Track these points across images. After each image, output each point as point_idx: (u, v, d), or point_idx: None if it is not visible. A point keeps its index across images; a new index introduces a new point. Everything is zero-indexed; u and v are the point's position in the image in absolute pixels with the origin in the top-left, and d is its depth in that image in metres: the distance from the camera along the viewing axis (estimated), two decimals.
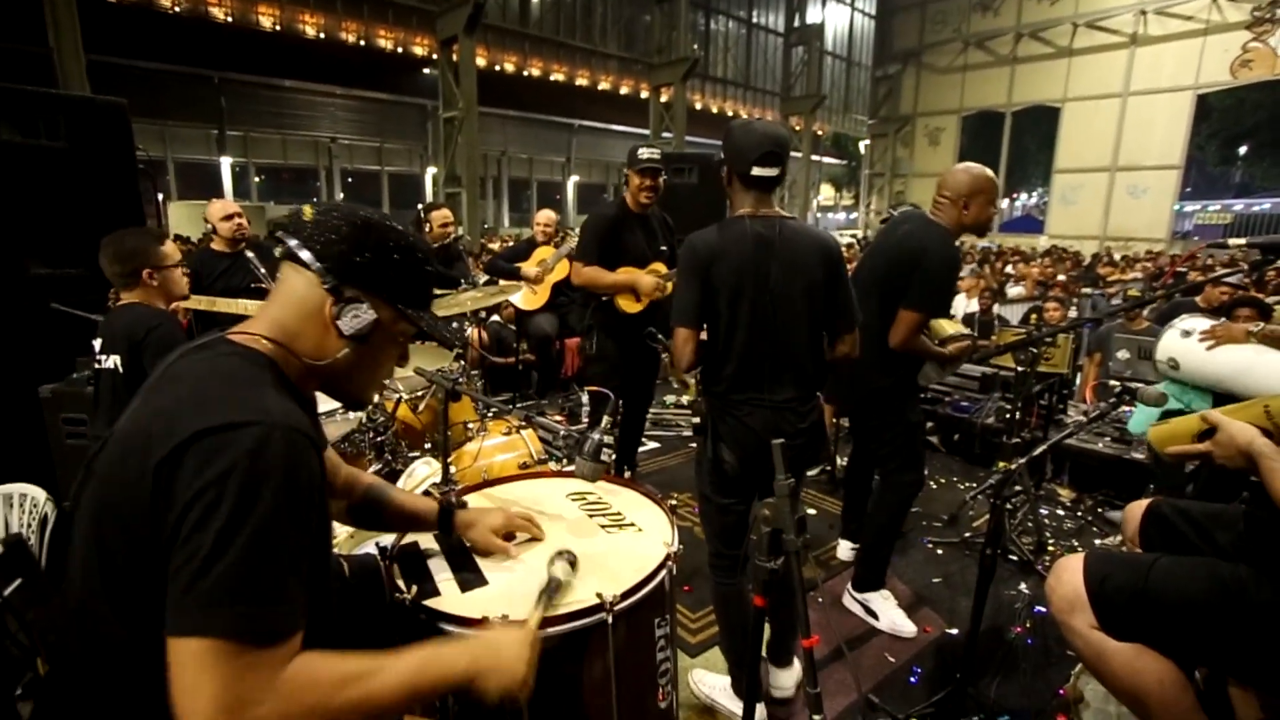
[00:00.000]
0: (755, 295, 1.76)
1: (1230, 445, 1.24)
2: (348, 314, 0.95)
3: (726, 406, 1.81)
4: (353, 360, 0.99)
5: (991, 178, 2.27)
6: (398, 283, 1.00)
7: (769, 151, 1.74)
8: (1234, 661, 1.26)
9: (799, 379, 1.82)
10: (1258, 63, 16.33)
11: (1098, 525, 3.32)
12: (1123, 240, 17.63)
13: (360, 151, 20.73)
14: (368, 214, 0.99)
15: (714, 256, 1.76)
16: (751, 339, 1.77)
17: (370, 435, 2.24)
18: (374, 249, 0.97)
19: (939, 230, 2.23)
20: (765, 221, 1.78)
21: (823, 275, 1.79)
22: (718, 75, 20.53)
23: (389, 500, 1.29)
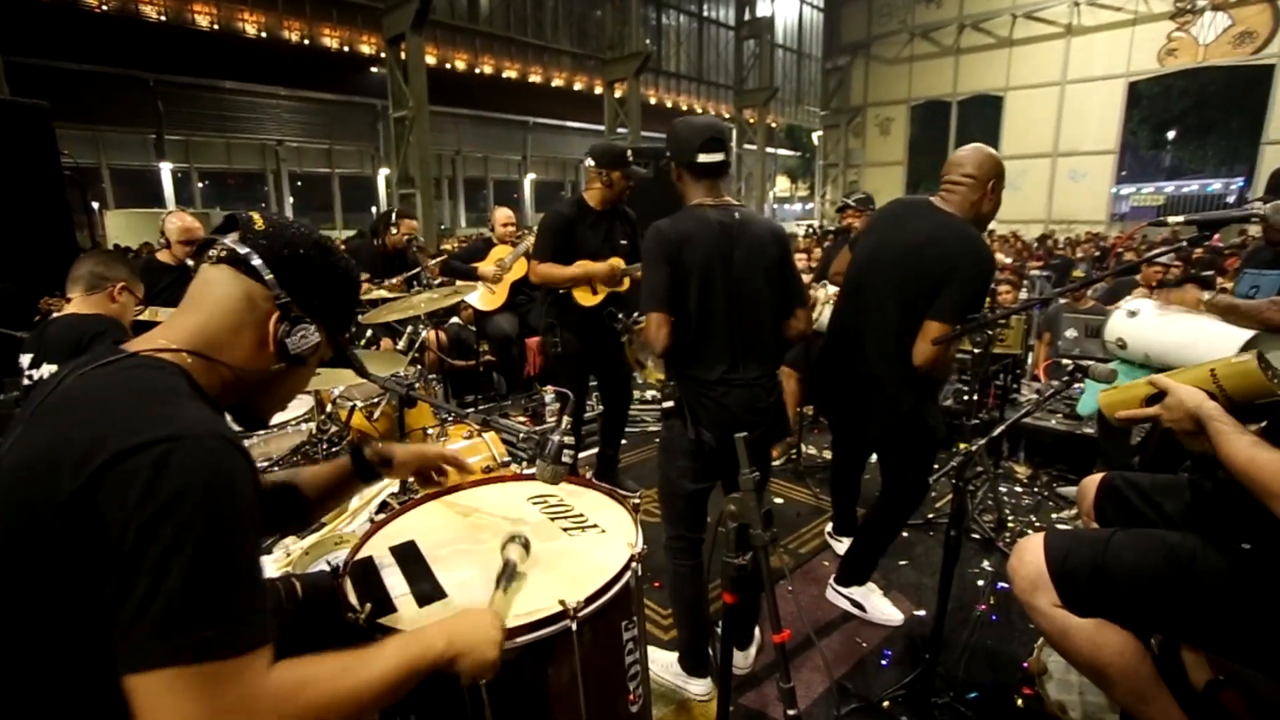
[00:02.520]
0: (724, 278, 1.82)
1: (1179, 408, 1.27)
2: (297, 333, 0.93)
3: (703, 388, 1.84)
4: (281, 378, 0.97)
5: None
6: (337, 308, 1.00)
7: (711, 138, 1.81)
8: (1188, 628, 1.30)
9: (764, 357, 1.91)
10: (1182, 51, 17.11)
11: (1053, 500, 3.42)
12: (1066, 223, 18.25)
13: (309, 154, 20.14)
14: (319, 235, 0.99)
15: (683, 241, 1.80)
16: (723, 320, 1.83)
17: (324, 447, 2.15)
18: (325, 271, 0.97)
19: (969, 228, 2.01)
20: (722, 209, 1.85)
21: (777, 255, 1.88)
22: (671, 70, 20.55)
23: (300, 478, 1.26)
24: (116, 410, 0.77)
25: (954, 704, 1.93)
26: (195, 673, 0.69)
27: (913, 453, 2.21)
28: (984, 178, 2.01)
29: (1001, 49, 20.05)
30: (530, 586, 1.12)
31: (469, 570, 1.21)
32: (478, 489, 1.57)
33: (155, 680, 0.68)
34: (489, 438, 2.77)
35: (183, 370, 0.87)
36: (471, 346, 4.93)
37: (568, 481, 1.48)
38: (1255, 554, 1.21)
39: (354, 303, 1.04)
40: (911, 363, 2.02)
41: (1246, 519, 1.21)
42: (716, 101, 22.10)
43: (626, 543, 1.26)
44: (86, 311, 2.13)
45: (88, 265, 2.20)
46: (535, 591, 1.11)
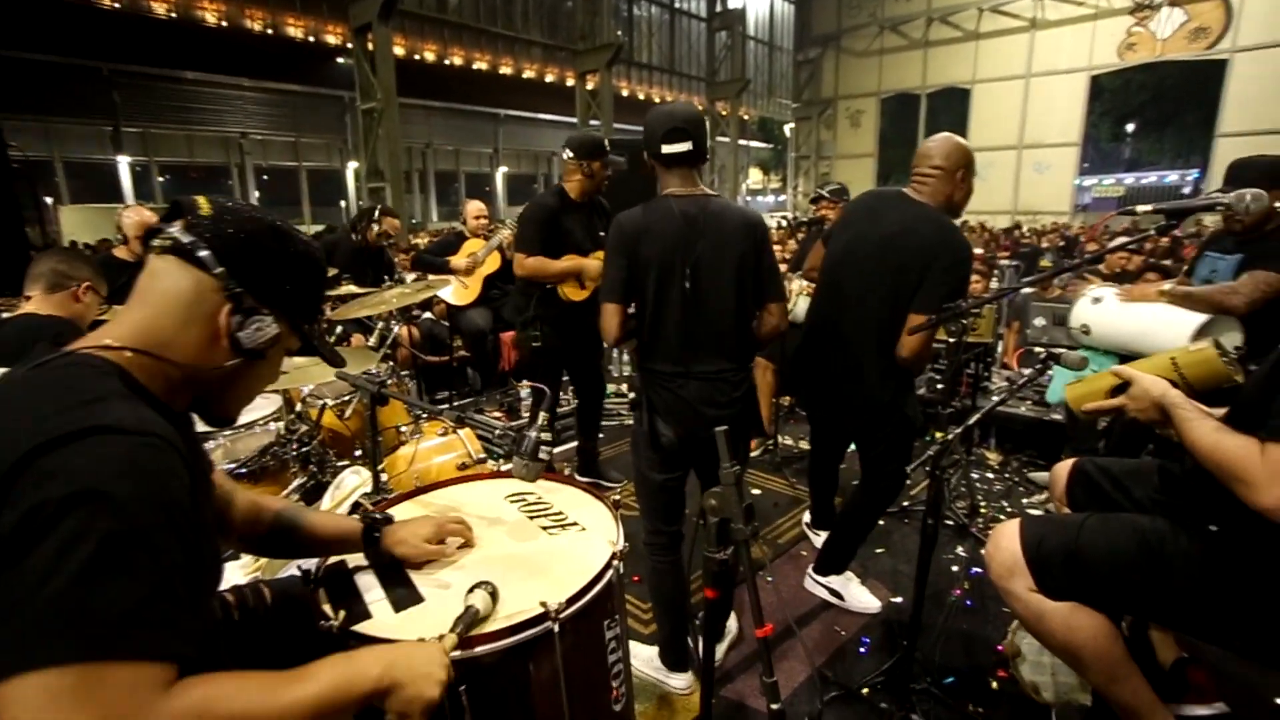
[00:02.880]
0: (683, 271, 1.79)
1: (1144, 398, 1.30)
2: (250, 325, 0.87)
3: (660, 380, 1.86)
4: (240, 374, 0.91)
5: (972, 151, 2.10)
6: (298, 296, 0.94)
7: (674, 128, 1.77)
8: (1159, 609, 1.33)
9: (729, 351, 1.87)
10: (1140, 46, 17.52)
11: (1024, 485, 3.49)
12: (1031, 214, 18.60)
13: (275, 147, 19.62)
14: (274, 218, 0.92)
15: (640, 234, 1.80)
16: (682, 314, 1.82)
17: (294, 447, 2.10)
18: (282, 258, 0.91)
19: (944, 218, 2.02)
20: (691, 200, 1.81)
21: (750, 250, 1.83)
22: (643, 61, 20.44)
23: (304, 524, 1.18)
24: (38, 410, 0.72)
25: (931, 689, 1.96)
26: (79, 675, 0.62)
27: (892, 443, 2.23)
28: (953, 168, 2.03)
29: (968, 42, 20.32)
30: (510, 587, 1.09)
31: (447, 573, 1.19)
32: (454, 487, 1.54)
33: (33, 684, 0.60)
34: (464, 434, 2.73)
35: (119, 369, 0.81)
36: (445, 342, 4.87)
37: (545, 478, 1.47)
38: (1222, 536, 1.24)
39: (318, 289, 0.98)
40: (890, 354, 2.03)
41: (1213, 502, 1.24)
42: (689, 93, 22.04)
43: (607, 540, 1.25)
44: (45, 312, 2.05)
45: (49, 263, 2.12)
46: (515, 593, 1.09)
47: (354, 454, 2.39)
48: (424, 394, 4.66)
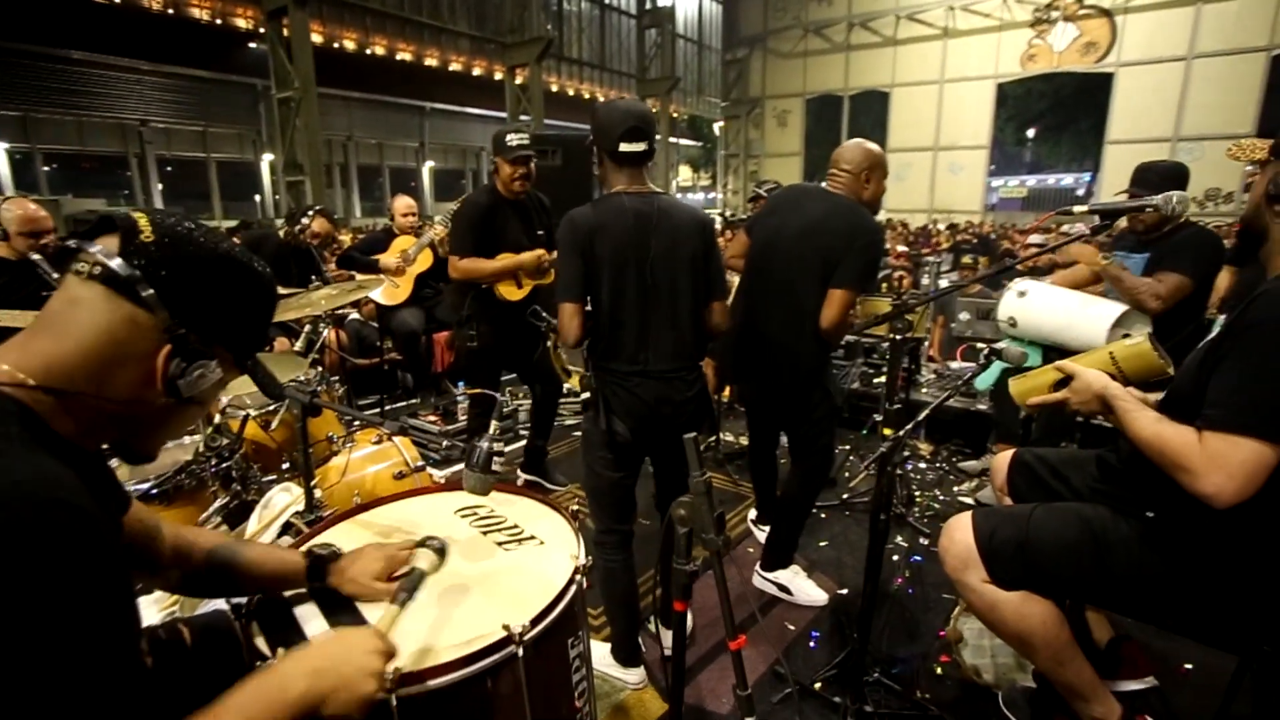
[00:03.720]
0: (638, 269, 1.81)
1: (1086, 391, 1.35)
2: (193, 372, 0.76)
3: (616, 379, 1.86)
4: (171, 415, 0.81)
5: (883, 153, 2.30)
6: (249, 333, 0.84)
7: (633, 127, 1.78)
8: (1103, 595, 1.39)
9: (684, 349, 1.89)
10: (1040, 57, 18.80)
11: (954, 474, 3.64)
12: (946, 212, 19.62)
13: (181, 136, 18.25)
14: (228, 245, 0.81)
15: (593, 231, 1.79)
16: (639, 312, 1.83)
17: (213, 463, 1.92)
18: (235, 294, 0.80)
19: (858, 207, 2.21)
20: (641, 197, 1.83)
21: (700, 248, 1.87)
22: (573, 56, 20.23)
23: (241, 561, 1.06)
24: None
25: (882, 679, 1.99)
26: None
27: (818, 419, 2.35)
28: (858, 170, 2.23)
29: (887, 47, 21.16)
30: (469, 609, 1.02)
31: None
32: (398, 503, 1.44)
33: None
34: (399, 441, 2.60)
35: (19, 407, 0.69)
36: (374, 344, 4.64)
37: (497, 489, 1.39)
38: (1158, 521, 1.30)
39: (268, 317, 0.87)
40: (814, 331, 2.19)
41: (1149, 490, 1.30)
42: (620, 90, 21.97)
43: (569, 555, 1.19)
44: None
45: None
46: (475, 615, 1.01)
47: (281, 468, 2.22)
48: (352, 399, 4.43)
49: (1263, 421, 1.09)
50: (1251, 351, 1.12)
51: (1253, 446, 1.09)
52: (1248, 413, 1.10)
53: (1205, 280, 2.56)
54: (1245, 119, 15.80)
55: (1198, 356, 1.26)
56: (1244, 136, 6.92)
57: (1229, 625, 1.28)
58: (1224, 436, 1.11)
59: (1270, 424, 1.09)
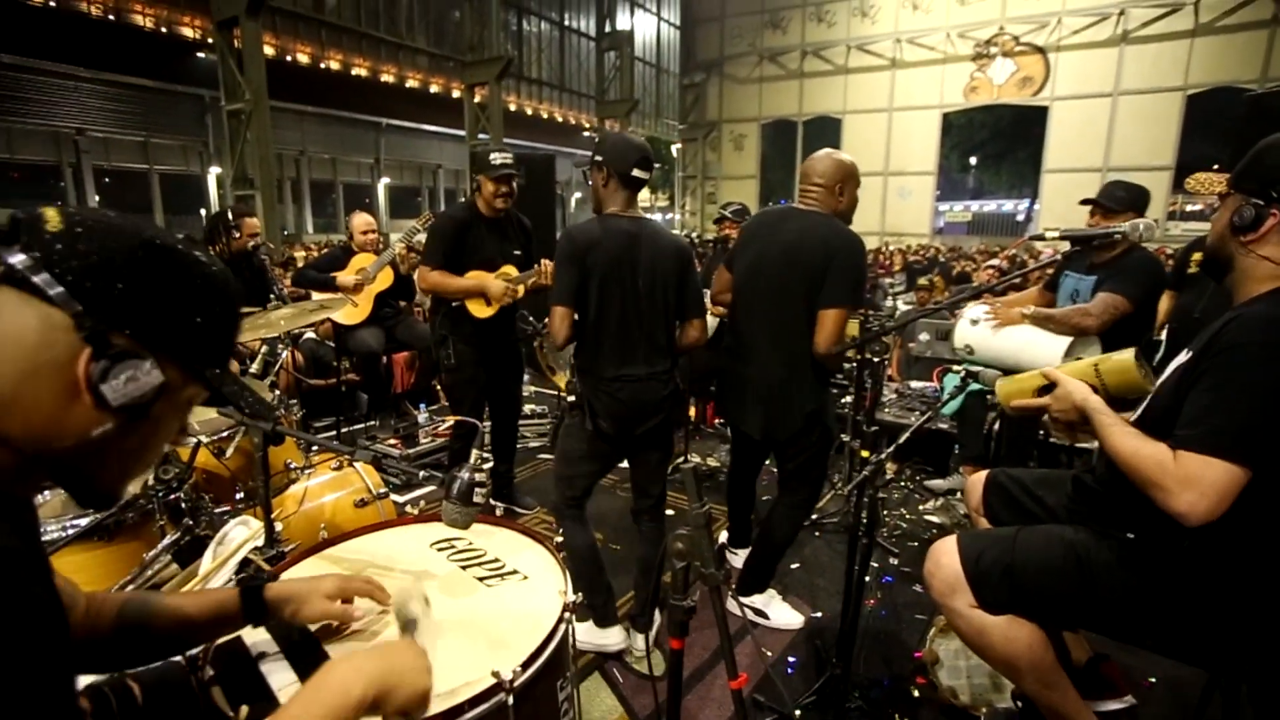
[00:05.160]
0: (625, 283, 2.01)
1: (1066, 400, 1.37)
2: (120, 374, 0.64)
3: (601, 384, 2.06)
4: (116, 439, 0.67)
5: (854, 162, 2.25)
6: (193, 331, 0.70)
7: (645, 157, 2.04)
8: (1088, 617, 1.40)
9: (659, 356, 2.10)
10: (981, 89, 19.81)
11: (919, 493, 3.69)
12: (896, 235, 20.29)
13: (120, 147, 17.47)
14: (152, 232, 0.69)
15: (590, 246, 1.99)
16: (621, 322, 2.03)
17: (160, 494, 1.78)
18: (162, 282, 0.67)
19: (836, 222, 2.17)
20: (633, 220, 2.05)
21: (677, 268, 2.07)
22: (533, 76, 20.29)
23: (158, 611, 0.92)
24: None
25: (862, 704, 1.98)
26: None
27: (813, 453, 2.33)
28: (831, 183, 2.19)
29: (839, 75, 21.92)
30: (452, 654, 0.95)
31: (371, 641, 1.02)
32: (369, 537, 1.36)
33: None
34: (360, 467, 2.49)
35: None
36: (330, 364, 4.47)
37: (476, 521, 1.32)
38: (1138, 543, 1.32)
39: (223, 321, 0.74)
40: (810, 367, 2.18)
41: (1127, 511, 1.33)
42: (579, 110, 22.13)
43: (556, 590, 1.13)
44: None
45: None
46: (459, 660, 0.94)
47: (235, 498, 2.08)
48: (308, 421, 4.24)
49: (1235, 444, 1.12)
50: (1226, 375, 1.15)
51: (1224, 468, 1.11)
52: (1221, 434, 1.13)
53: (1146, 302, 2.67)
54: (1166, 152, 16.93)
55: (1172, 379, 1.29)
56: (1164, 169, 7.44)
57: (1205, 643, 1.31)
58: (1197, 457, 1.14)
59: (1242, 446, 1.12)
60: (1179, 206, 18.98)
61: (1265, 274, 1.23)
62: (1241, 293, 1.27)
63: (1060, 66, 18.34)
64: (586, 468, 2.19)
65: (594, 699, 2.07)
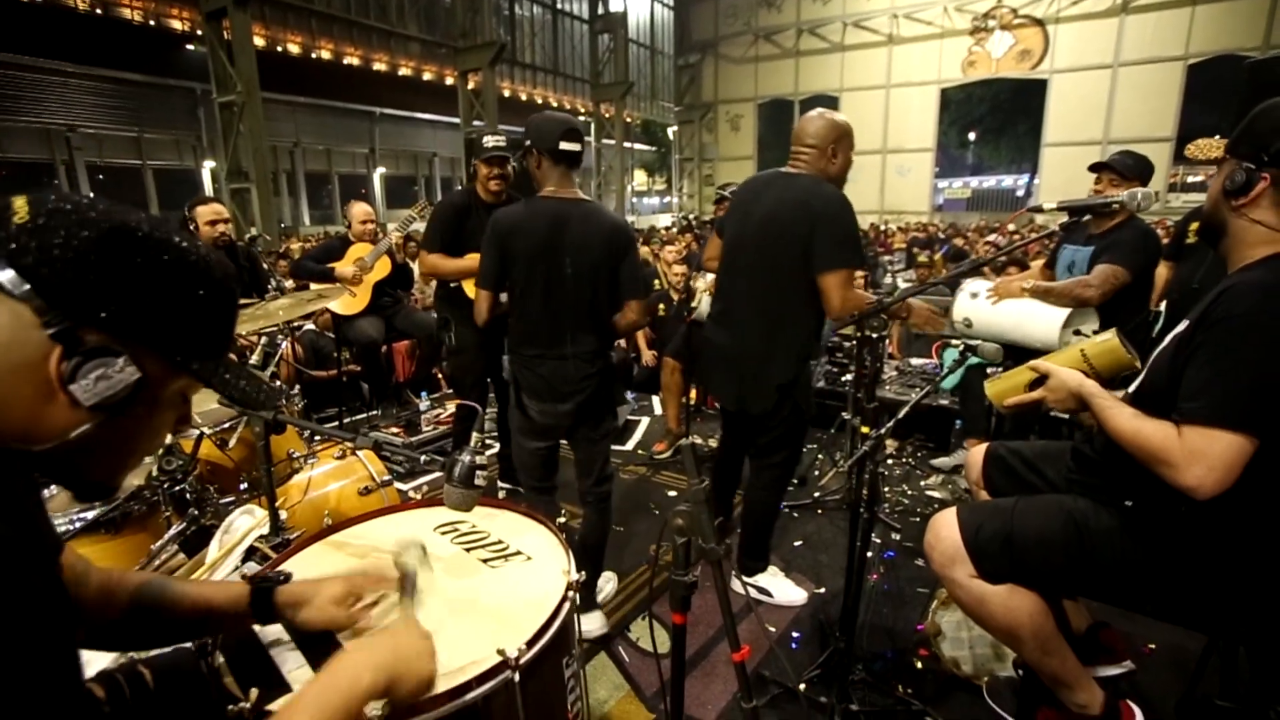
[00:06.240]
0: (548, 266, 2.01)
1: (1061, 389, 1.37)
2: (90, 373, 0.61)
3: (526, 362, 2.12)
4: (97, 437, 0.65)
5: (848, 122, 2.17)
6: (174, 322, 0.67)
7: (571, 129, 1.99)
8: (1087, 585, 1.41)
9: (584, 338, 2.09)
10: (980, 63, 19.58)
11: (921, 469, 3.70)
12: (895, 213, 20.18)
13: (113, 143, 17.30)
14: (124, 217, 0.65)
15: (512, 230, 2.03)
16: (545, 304, 2.04)
17: (165, 486, 1.79)
18: (139, 272, 0.64)
19: (818, 180, 2.09)
20: (564, 202, 2.02)
21: (610, 253, 2.04)
22: (526, 61, 20.08)
23: (171, 599, 0.93)
24: None
25: (866, 677, 2.00)
26: None
27: (784, 430, 2.30)
28: (824, 144, 2.12)
29: (835, 53, 21.67)
30: (458, 633, 0.97)
31: (379, 623, 1.03)
32: (372, 522, 1.37)
33: None
34: (364, 455, 2.50)
35: None
36: (330, 355, 4.48)
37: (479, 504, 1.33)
38: (1136, 511, 1.33)
39: (212, 311, 0.71)
40: (792, 331, 2.16)
41: (1126, 480, 1.33)
42: (574, 95, 21.92)
43: (560, 570, 1.14)
44: None
45: None
46: (465, 639, 0.96)
47: (239, 488, 2.10)
48: (310, 412, 4.26)
49: (1239, 414, 1.12)
50: (1224, 345, 1.15)
51: (1230, 439, 1.11)
52: (1224, 406, 1.13)
53: (1143, 272, 2.67)
54: (1166, 123, 16.75)
55: (1168, 350, 1.29)
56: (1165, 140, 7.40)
57: (1204, 608, 1.32)
58: (1202, 430, 1.13)
59: (1246, 416, 1.11)
60: (1180, 178, 18.82)
61: (1257, 238, 1.23)
62: (1235, 258, 1.27)
63: (1059, 38, 18.11)
64: (531, 445, 2.22)
65: (600, 677, 2.09)
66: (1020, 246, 3.10)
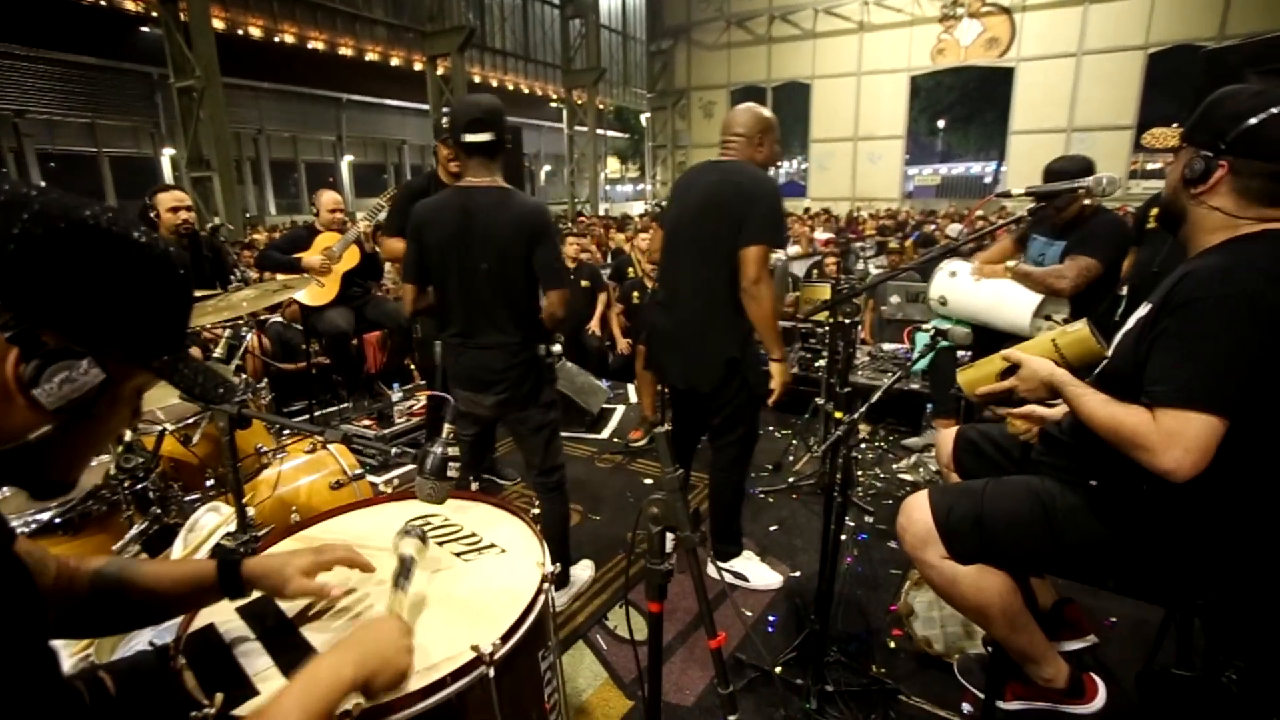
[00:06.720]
0: (460, 257, 2.02)
1: (1033, 378, 1.40)
2: (54, 376, 0.59)
3: (449, 351, 2.16)
4: (57, 439, 0.63)
5: (773, 115, 2.29)
6: (135, 319, 0.65)
7: (475, 119, 1.94)
8: (1055, 563, 1.45)
9: (504, 327, 2.09)
10: (949, 51, 19.75)
11: (892, 453, 3.76)
12: (867, 200, 20.37)
13: (66, 129, 16.60)
14: (79, 210, 0.62)
15: (425, 222, 2.04)
16: (461, 295, 2.06)
17: (126, 484, 1.73)
18: (97, 270, 0.61)
19: (748, 166, 2.20)
20: (478, 190, 2.00)
21: (520, 240, 2.01)
22: (496, 47, 19.75)
23: (134, 578, 0.91)
24: None
25: (840, 658, 2.03)
26: None
27: (735, 410, 2.34)
28: (751, 134, 2.22)
29: (807, 40, 21.68)
30: (432, 629, 0.95)
31: (349, 623, 1.01)
32: (342, 517, 1.34)
33: None
34: (334, 449, 2.46)
35: None
36: (299, 347, 4.39)
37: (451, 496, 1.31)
38: (1101, 489, 1.36)
39: (171, 307, 0.69)
40: (730, 310, 2.19)
41: (1091, 460, 1.36)
42: (545, 81, 21.63)
43: (535, 562, 1.13)
44: None
45: None
46: (439, 635, 0.95)
47: (205, 485, 2.05)
48: (276, 407, 4.17)
49: (1209, 395, 1.14)
50: (1188, 328, 1.17)
51: (1203, 420, 1.13)
52: (1194, 387, 1.15)
53: (1114, 262, 2.74)
54: (1128, 111, 17.09)
55: (1133, 333, 1.31)
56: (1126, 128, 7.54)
57: (1164, 581, 1.36)
58: (1174, 412, 1.15)
59: (1216, 397, 1.14)
60: (1140, 166, 19.27)
61: (1215, 224, 1.26)
62: (1194, 244, 1.30)
63: (1026, 27, 18.34)
64: (463, 432, 2.25)
65: (579, 667, 2.10)
66: (990, 231, 3.15)
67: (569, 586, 2.42)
